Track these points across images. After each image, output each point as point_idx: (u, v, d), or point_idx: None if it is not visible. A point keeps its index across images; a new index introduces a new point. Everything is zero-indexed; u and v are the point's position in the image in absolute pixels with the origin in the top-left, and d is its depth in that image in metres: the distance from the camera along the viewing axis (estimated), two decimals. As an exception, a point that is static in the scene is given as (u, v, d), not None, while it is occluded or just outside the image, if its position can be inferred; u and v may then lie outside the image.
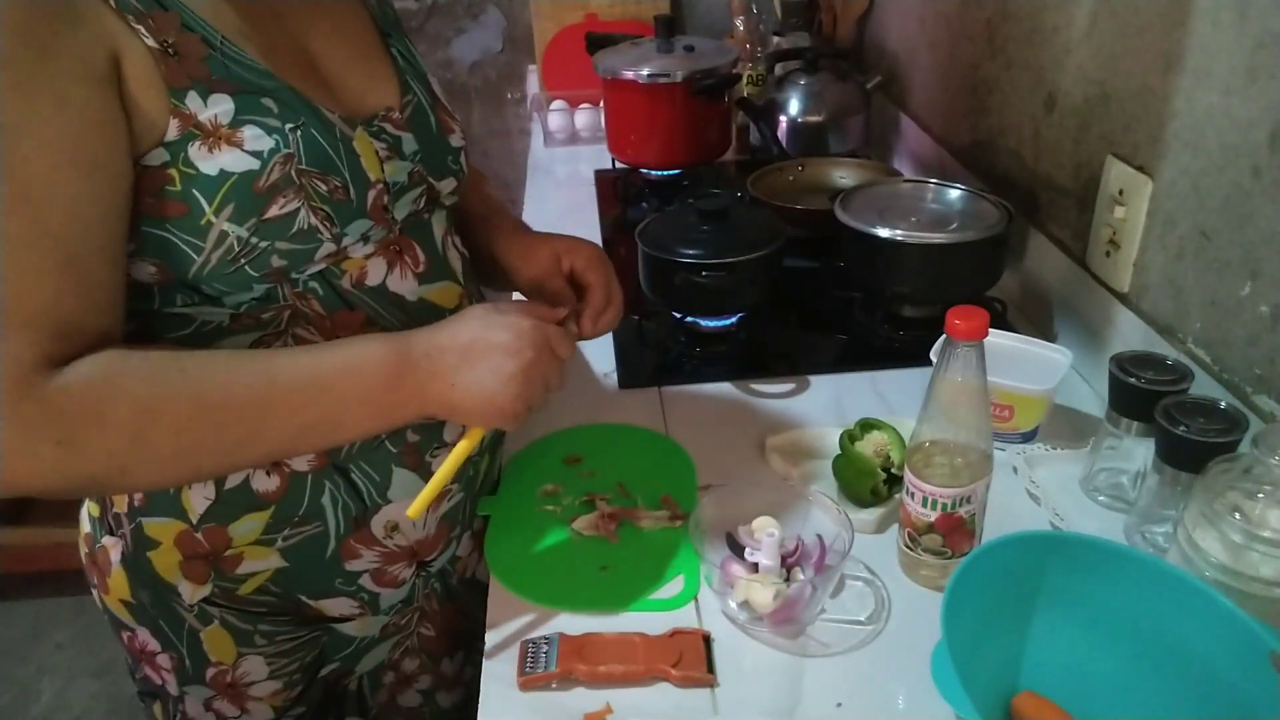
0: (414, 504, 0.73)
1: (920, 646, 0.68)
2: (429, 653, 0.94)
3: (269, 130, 0.66)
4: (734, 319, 1.14)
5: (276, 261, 0.68)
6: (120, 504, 0.76)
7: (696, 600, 0.78)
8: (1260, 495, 0.64)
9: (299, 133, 0.67)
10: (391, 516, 0.79)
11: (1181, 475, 0.75)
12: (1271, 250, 0.78)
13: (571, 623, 0.75)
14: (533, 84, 2.13)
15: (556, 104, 1.88)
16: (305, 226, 0.68)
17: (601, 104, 1.65)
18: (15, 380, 0.59)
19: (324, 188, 0.68)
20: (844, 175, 1.46)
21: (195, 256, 0.65)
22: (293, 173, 0.67)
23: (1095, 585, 0.66)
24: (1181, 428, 0.73)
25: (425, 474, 0.79)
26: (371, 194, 0.72)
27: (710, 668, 0.71)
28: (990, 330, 0.70)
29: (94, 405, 0.61)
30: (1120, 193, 0.98)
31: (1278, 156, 0.77)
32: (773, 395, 1.04)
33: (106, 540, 0.79)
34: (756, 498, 0.81)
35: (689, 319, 1.14)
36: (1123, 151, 0.98)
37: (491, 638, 0.75)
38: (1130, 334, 0.96)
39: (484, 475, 0.88)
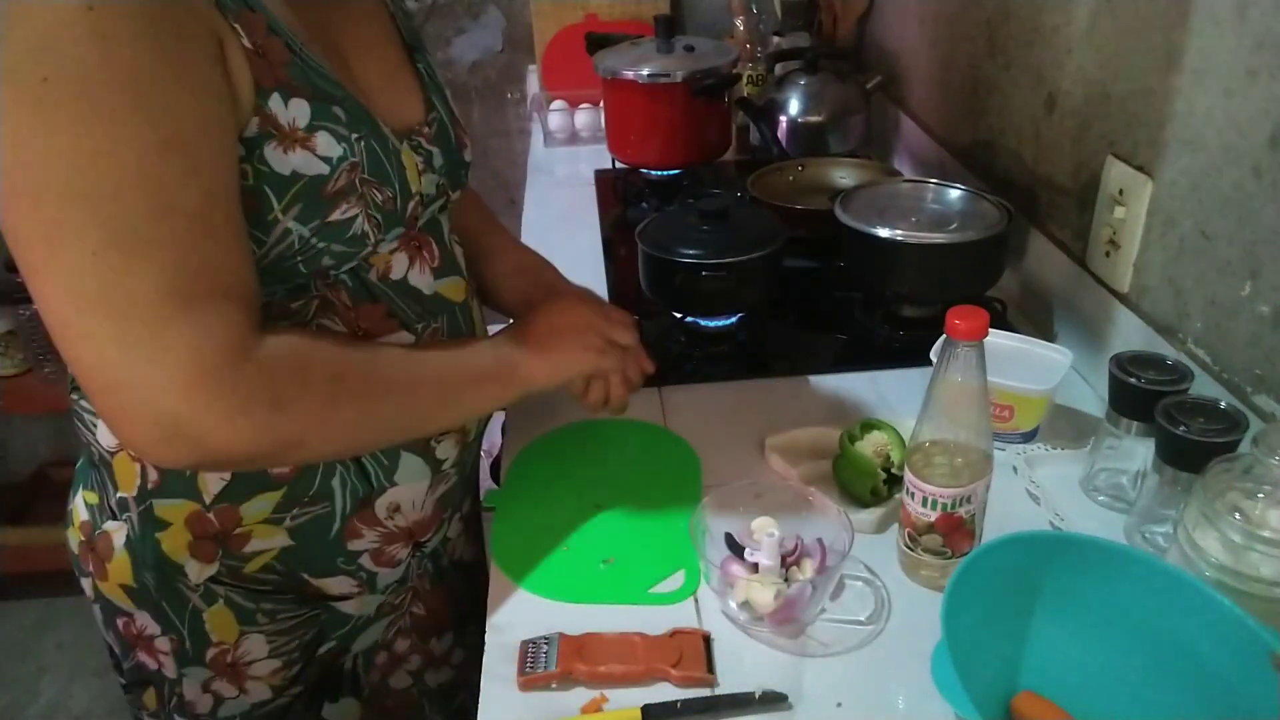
0: None
1: (920, 646, 0.68)
2: (419, 631, 0.97)
3: (339, 138, 0.68)
4: (734, 319, 1.14)
5: (327, 261, 0.70)
6: (129, 487, 0.77)
7: (696, 599, 0.78)
8: (1260, 495, 0.64)
9: (363, 143, 0.70)
10: (395, 498, 0.81)
11: (1181, 475, 0.75)
12: (1271, 250, 0.78)
13: (571, 623, 0.75)
14: (533, 84, 2.13)
15: (556, 104, 1.88)
16: (360, 232, 0.71)
17: (601, 104, 1.65)
18: (236, 346, 0.63)
19: (380, 197, 0.71)
20: (844, 175, 1.46)
21: (255, 249, 0.67)
22: (357, 181, 0.69)
23: (1095, 585, 0.66)
24: (1181, 428, 0.73)
25: (430, 459, 0.82)
26: (411, 204, 0.75)
27: (710, 668, 0.71)
28: (990, 330, 0.70)
29: (298, 369, 0.66)
30: (1120, 193, 0.98)
31: (1278, 156, 0.77)
32: (773, 395, 1.04)
33: (109, 525, 0.80)
34: (756, 498, 0.81)
35: (689, 319, 1.14)
36: (1123, 151, 0.98)
37: (492, 638, 0.75)
38: (1130, 334, 0.96)
39: (473, 460, 0.92)
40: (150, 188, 0.58)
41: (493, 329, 0.88)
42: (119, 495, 0.78)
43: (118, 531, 0.79)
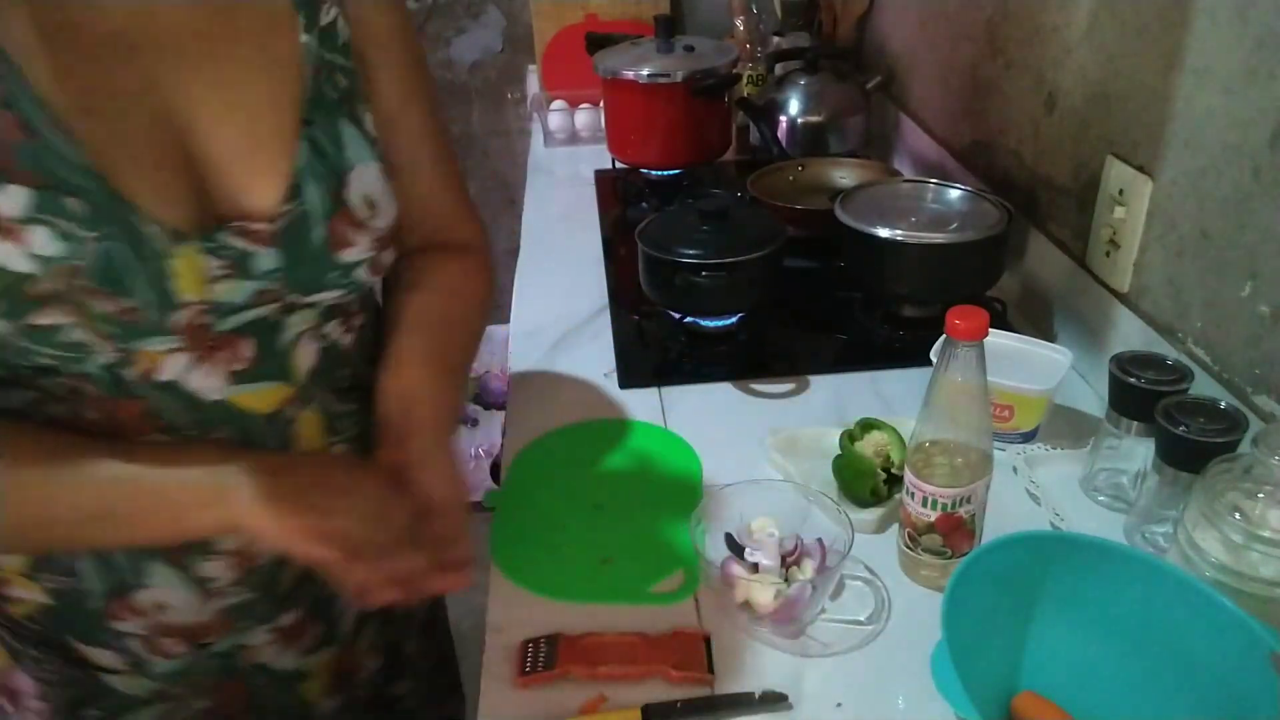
0: None
1: (920, 646, 0.68)
2: None
3: (64, 236, 0.59)
4: (734, 319, 1.14)
5: (44, 360, 0.63)
6: None
7: (696, 599, 0.78)
8: (1260, 495, 0.64)
9: (100, 245, 0.60)
10: (156, 598, 0.73)
11: (1181, 475, 0.75)
12: (1271, 250, 0.78)
13: (571, 622, 0.75)
14: (533, 84, 2.13)
15: (556, 104, 1.88)
16: (75, 340, 0.62)
17: (601, 104, 1.65)
18: None
19: (111, 308, 0.62)
20: (844, 175, 1.46)
21: None
22: (72, 287, 0.60)
23: (1095, 585, 0.66)
24: (1181, 428, 0.73)
25: (187, 574, 0.73)
26: (184, 313, 0.64)
27: (710, 668, 0.71)
28: (990, 330, 0.70)
29: None
30: (1120, 193, 0.98)
31: (1278, 156, 0.77)
32: (773, 395, 1.04)
33: None
34: (756, 497, 0.81)
35: (689, 319, 1.14)
36: (1123, 151, 0.98)
37: (492, 638, 0.75)
38: (1130, 334, 0.96)
39: (294, 580, 0.79)
40: None
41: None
42: None
43: None
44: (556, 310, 1.22)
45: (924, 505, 0.74)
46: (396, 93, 0.76)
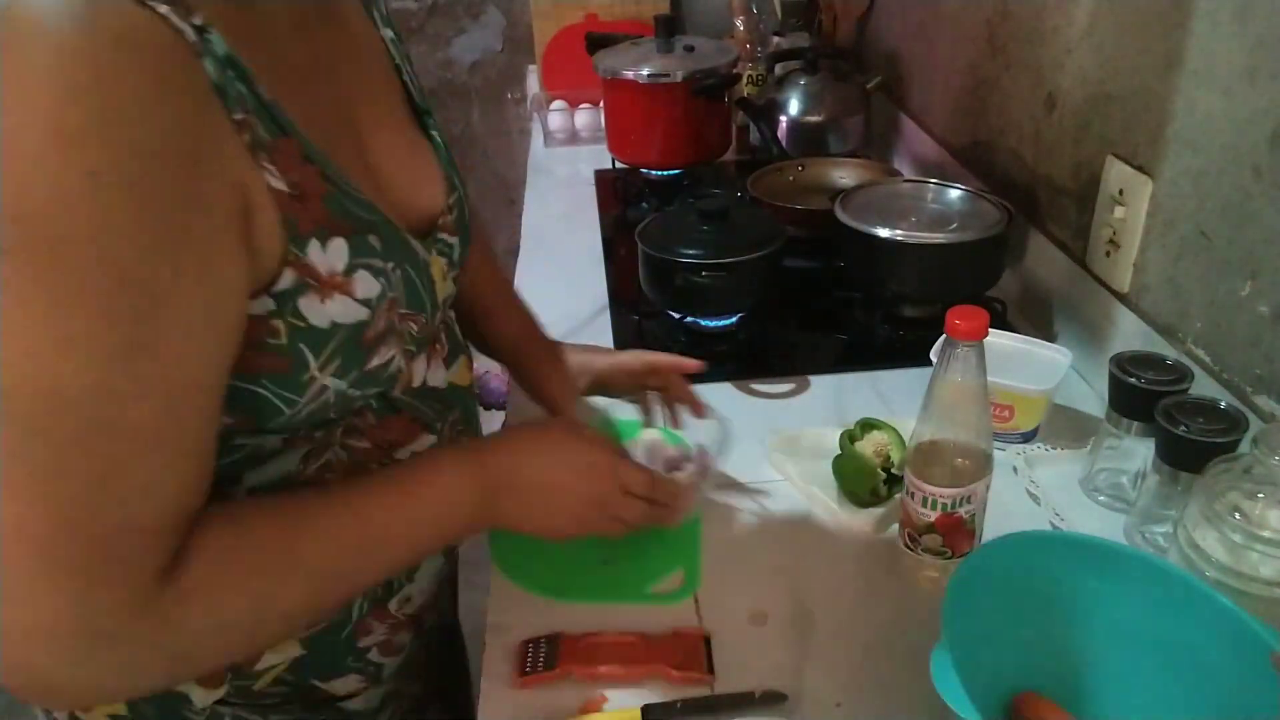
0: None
1: (920, 646, 0.68)
2: (416, 711, 0.86)
3: (376, 273, 0.59)
4: (734, 319, 1.14)
5: (359, 403, 0.63)
6: None
7: (696, 599, 0.78)
8: (1260, 495, 0.64)
9: (399, 272, 0.61)
10: (410, 591, 0.75)
11: (1181, 475, 0.75)
12: (1271, 250, 0.78)
13: (571, 622, 0.75)
14: (533, 84, 2.13)
15: (556, 104, 1.88)
16: (395, 371, 0.63)
17: (601, 104, 1.65)
18: (134, 596, 0.50)
19: (414, 327, 0.64)
20: (844, 175, 1.46)
21: (286, 410, 0.57)
22: (395, 319, 0.61)
23: (1095, 585, 0.66)
24: (1181, 428, 0.73)
25: (451, 556, 0.82)
26: (438, 315, 0.69)
27: (710, 668, 0.71)
28: (990, 330, 0.70)
29: (215, 610, 0.54)
30: (1120, 193, 0.98)
31: (1278, 156, 0.77)
32: (773, 395, 1.04)
33: None
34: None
35: (689, 319, 1.14)
36: (1123, 151, 0.98)
37: (492, 638, 0.75)
38: (1130, 334, 0.96)
39: None
40: (95, 398, 0.47)
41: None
42: None
43: None
44: (557, 310, 1.22)
45: (924, 505, 0.74)
46: None
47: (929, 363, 0.87)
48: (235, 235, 0.51)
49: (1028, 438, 0.93)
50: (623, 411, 0.95)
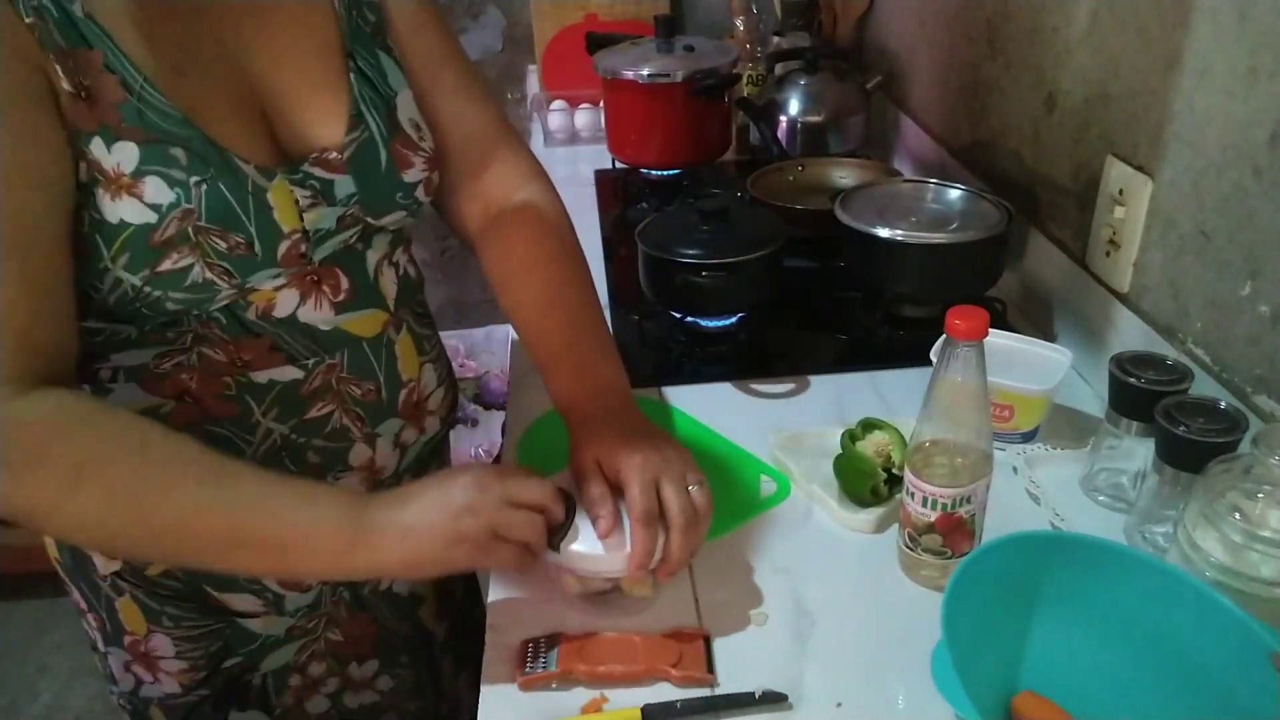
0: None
1: (920, 646, 0.68)
2: (336, 656, 0.92)
3: (171, 183, 0.65)
4: (734, 319, 1.14)
5: (172, 306, 0.68)
6: None
7: (696, 599, 0.78)
8: (1260, 495, 0.64)
9: (204, 187, 0.66)
10: None
11: (1181, 475, 0.75)
12: (1271, 250, 0.78)
13: (571, 622, 0.75)
14: (533, 84, 2.13)
15: (556, 104, 1.88)
16: (200, 280, 0.68)
17: (601, 104, 1.65)
18: None
19: (223, 244, 0.68)
20: (844, 175, 1.46)
21: (93, 295, 0.67)
22: (189, 229, 0.66)
23: (1095, 585, 0.66)
24: (1181, 428, 0.73)
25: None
26: (285, 244, 0.71)
27: (710, 668, 0.71)
28: (990, 330, 0.70)
29: (39, 442, 0.61)
30: (1120, 193, 0.98)
31: (1278, 156, 0.77)
32: (773, 395, 1.04)
33: None
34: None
35: (689, 319, 1.14)
36: (1123, 151, 0.98)
37: (492, 638, 0.75)
38: (1130, 334, 0.96)
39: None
40: None
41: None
42: None
43: None
44: (556, 310, 1.22)
45: (924, 505, 0.74)
46: (405, 20, 0.80)
47: (929, 363, 0.87)
48: (35, 96, 0.60)
49: (1028, 438, 0.93)
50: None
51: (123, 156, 0.63)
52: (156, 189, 0.64)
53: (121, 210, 0.64)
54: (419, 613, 0.96)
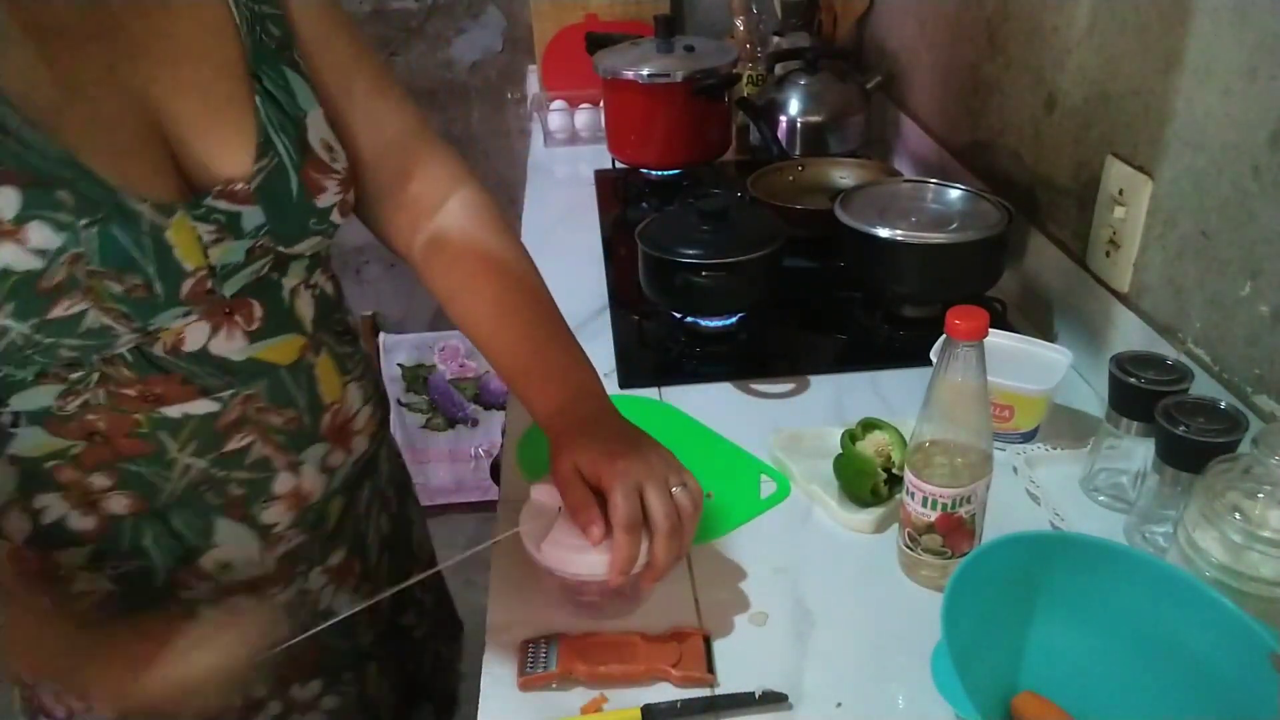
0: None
1: (920, 646, 0.68)
2: (278, 678, 0.87)
3: (59, 227, 0.61)
4: (734, 319, 1.14)
5: (67, 354, 0.65)
6: None
7: (696, 599, 0.78)
8: (1260, 495, 0.64)
9: (94, 229, 0.62)
10: (222, 556, 0.77)
11: (1181, 475, 0.75)
12: (1271, 250, 0.78)
13: (571, 623, 0.75)
14: (533, 84, 2.13)
15: (556, 104, 1.88)
16: (96, 326, 0.64)
17: (601, 104, 1.65)
18: None
19: (119, 288, 0.64)
20: (844, 175, 1.46)
21: None
22: (79, 274, 0.62)
23: (1095, 585, 0.66)
24: (1181, 428, 0.73)
25: (253, 524, 0.77)
26: (189, 282, 0.67)
27: (710, 668, 0.71)
28: (990, 330, 0.70)
29: None
30: (1120, 193, 0.98)
31: (1278, 156, 0.77)
32: (773, 395, 1.04)
33: None
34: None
35: (689, 319, 1.14)
36: (1123, 151, 0.98)
37: (492, 638, 0.75)
38: (1130, 334, 0.96)
39: (338, 516, 0.85)
40: None
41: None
42: None
43: None
44: (556, 310, 1.22)
45: (924, 505, 0.74)
46: (311, 30, 0.76)
47: (929, 363, 0.87)
48: None
49: (1028, 438, 0.93)
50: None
51: (3, 202, 0.60)
52: (41, 234, 0.60)
53: (4, 257, 0.60)
54: (355, 629, 0.92)
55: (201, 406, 0.72)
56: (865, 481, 0.85)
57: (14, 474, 0.71)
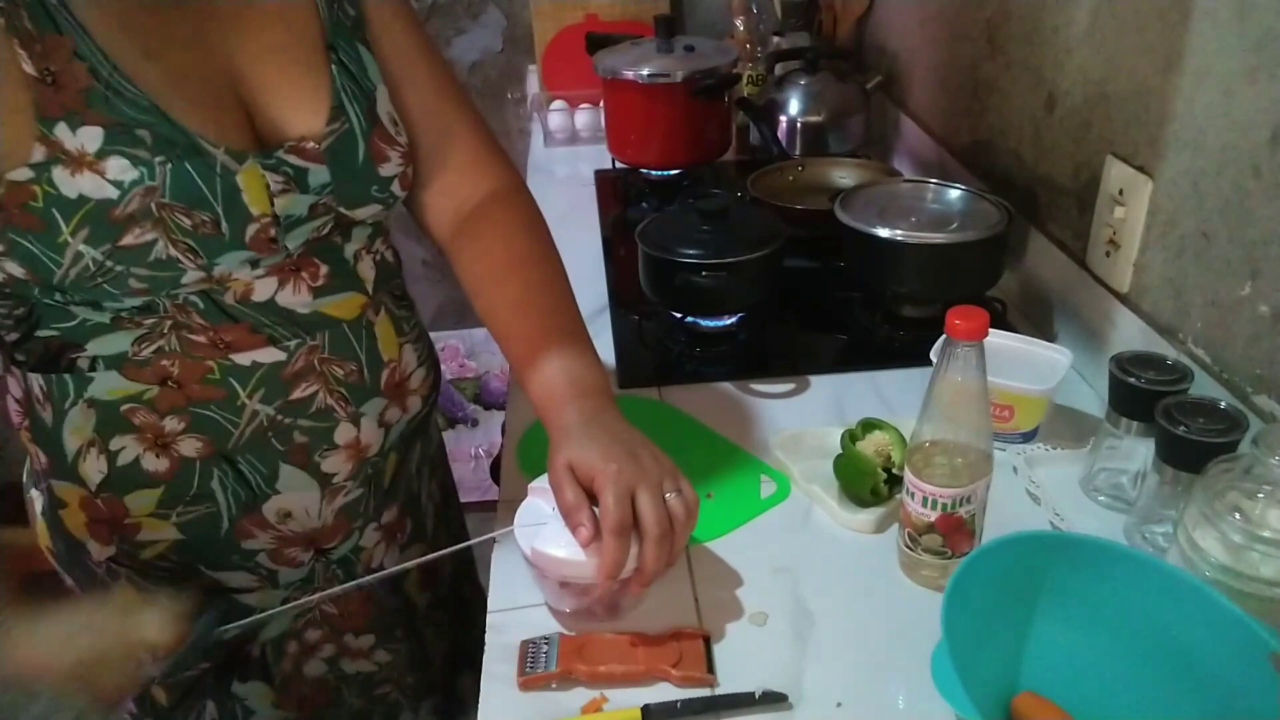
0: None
1: (920, 646, 0.68)
2: (332, 625, 0.94)
3: (136, 162, 0.66)
4: (734, 319, 1.14)
5: (136, 284, 0.69)
6: (36, 464, 0.81)
7: (696, 599, 0.78)
8: (1260, 495, 0.64)
9: (169, 166, 0.67)
10: (283, 505, 0.82)
11: (1181, 475, 0.75)
12: (1271, 250, 0.78)
13: (569, 623, 0.75)
14: (533, 84, 2.13)
15: (556, 104, 1.88)
16: (164, 257, 0.69)
17: (601, 104, 1.65)
18: None
19: (188, 222, 0.69)
20: (844, 175, 1.46)
21: (54, 269, 0.67)
22: (152, 205, 0.67)
23: (1095, 585, 0.66)
24: (1181, 428, 0.73)
25: (314, 472, 0.82)
26: (253, 227, 0.72)
27: (710, 668, 0.71)
28: (990, 330, 0.70)
29: None
30: (1120, 193, 0.98)
31: (1278, 156, 0.77)
32: (773, 395, 1.04)
33: (33, 493, 0.85)
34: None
35: (689, 319, 1.14)
36: (1123, 151, 0.98)
37: (492, 638, 0.75)
38: (1130, 334, 0.96)
39: (392, 473, 0.91)
40: None
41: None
42: (35, 467, 0.82)
43: (37, 500, 0.84)
44: (556, 310, 1.22)
45: (924, 505, 0.74)
46: (380, 16, 0.81)
47: (929, 363, 0.87)
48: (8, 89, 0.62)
49: (1028, 438, 0.93)
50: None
51: (86, 138, 0.65)
52: (119, 167, 0.66)
53: (81, 185, 0.65)
54: (404, 584, 0.98)
55: (269, 355, 0.77)
56: (865, 481, 0.85)
57: (92, 416, 0.76)
